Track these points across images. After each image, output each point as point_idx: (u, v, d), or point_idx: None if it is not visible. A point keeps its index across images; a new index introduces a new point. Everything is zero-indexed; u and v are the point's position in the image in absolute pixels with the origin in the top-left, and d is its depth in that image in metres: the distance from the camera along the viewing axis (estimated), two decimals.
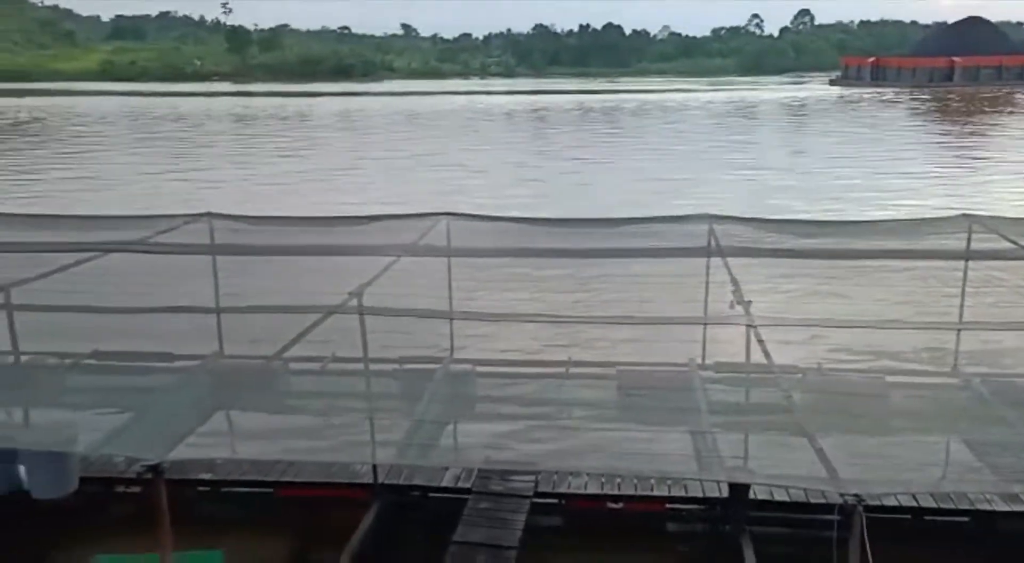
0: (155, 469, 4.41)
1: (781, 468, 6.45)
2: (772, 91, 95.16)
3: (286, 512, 7.41)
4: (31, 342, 8.73)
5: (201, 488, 7.33)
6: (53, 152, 42.75)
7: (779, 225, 10.21)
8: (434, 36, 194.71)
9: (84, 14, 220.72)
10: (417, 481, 7.39)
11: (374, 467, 7.41)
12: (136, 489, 7.50)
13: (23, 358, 8.76)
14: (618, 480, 7.32)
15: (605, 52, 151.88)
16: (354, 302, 7.33)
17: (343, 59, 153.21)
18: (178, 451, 4.86)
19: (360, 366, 9.08)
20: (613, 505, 7.14)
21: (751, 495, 7.17)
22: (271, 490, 7.49)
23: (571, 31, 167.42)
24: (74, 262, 8.54)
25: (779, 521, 7.29)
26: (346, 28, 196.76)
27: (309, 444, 7.88)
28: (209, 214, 10.34)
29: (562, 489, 7.22)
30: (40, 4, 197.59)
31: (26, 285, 8.02)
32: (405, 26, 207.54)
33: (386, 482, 7.36)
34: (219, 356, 10.10)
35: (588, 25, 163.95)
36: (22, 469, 7.03)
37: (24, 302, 8.21)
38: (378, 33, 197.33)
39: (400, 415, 8.24)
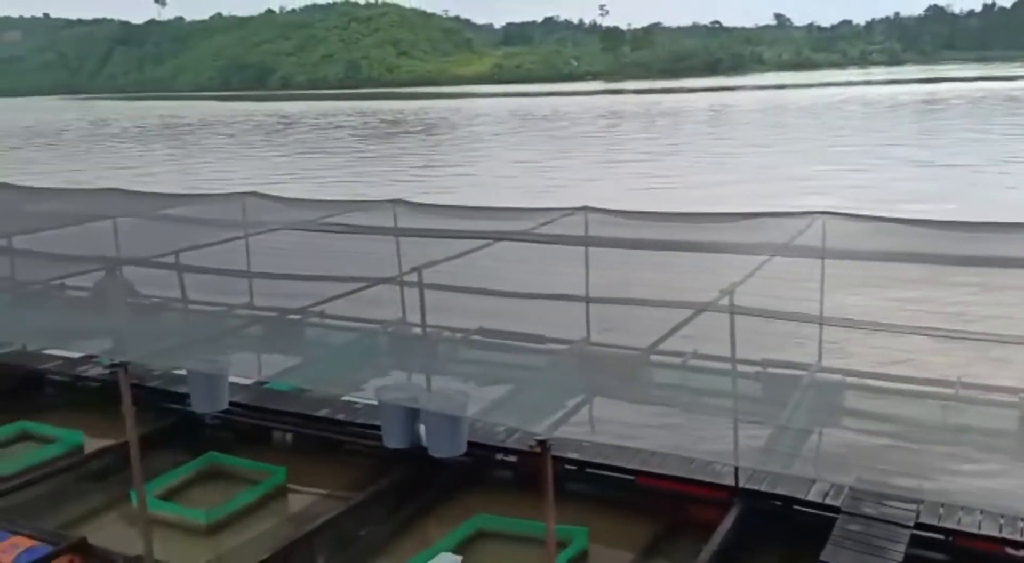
0: (543, 444, 4.76)
1: None
2: None
3: (646, 500, 7.58)
4: (433, 316, 9.93)
5: (568, 466, 7.77)
6: (454, 149, 48.26)
7: None
8: (809, 25, 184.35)
9: (480, 22, 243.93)
10: (780, 490, 7.09)
11: (736, 469, 7.27)
12: (512, 458, 8.18)
13: (428, 331, 9.98)
14: (1021, 523, 6.35)
15: (1014, 34, 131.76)
16: (725, 300, 7.22)
17: (712, 54, 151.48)
18: (560, 430, 5.19)
19: (722, 365, 8.97)
20: (1014, 552, 6.20)
21: None
22: (632, 477, 7.70)
23: (971, 11, 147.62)
24: (471, 248, 9.52)
25: None
26: (717, 22, 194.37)
27: (671, 437, 7.97)
28: (586, 208, 10.90)
29: (950, 524, 6.44)
30: (445, 15, 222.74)
31: (435, 267, 9.13)
32: (778, 16, 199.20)
33: (747, 487, 7.18)
34: (586, 343, 10.66)
35: (994, 3, 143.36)
36: (423, 428, 8.03)
37: (432, 281, 9.35)
38: (749, 25, 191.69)
39: (764, 419, 8.02)
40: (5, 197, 14.34)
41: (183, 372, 9.48)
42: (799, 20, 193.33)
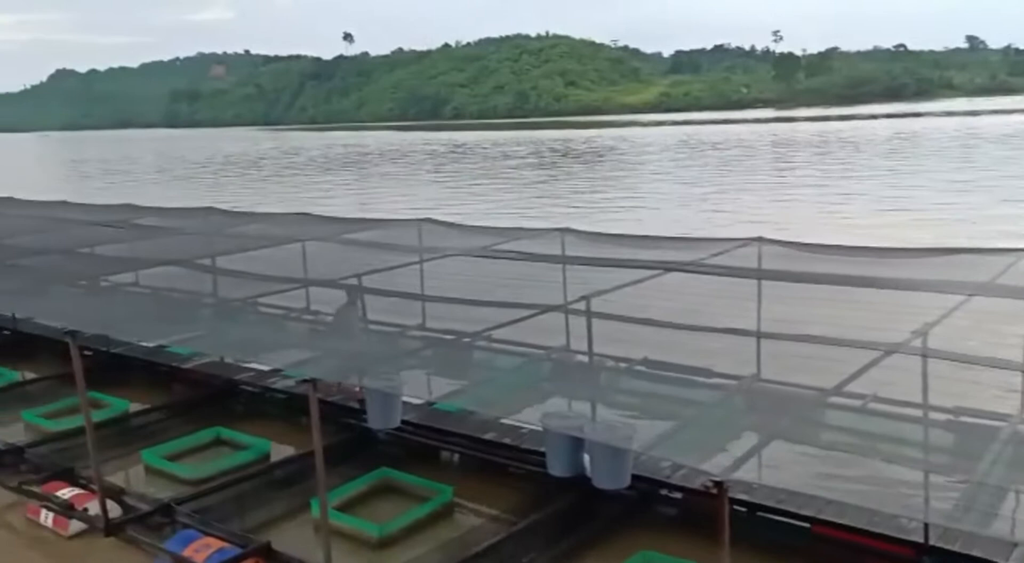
0: (720, 485, 4.63)
1: None
2: None
3: (822, 550, 7.16)
4: (597, 344, 9.93)
5: (738, 508, 7.48)
6: (621, 177, 48.26)
7: None
8: (1006, 47, 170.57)
9: (648, 51, 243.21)
10: (976, 552, 6.50)
11: (925, 525, 6.74)
12: (678, 495, 7.99)
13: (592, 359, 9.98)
14: None
15: None
16: (917, 342, 6.76)
17: (895, 78, 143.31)
18: (741, 472, 5.02)
19: (907, 410, 8.41)
20: None
21: None
22: (807, 524, 7.31)
23: None
24: (639, 278, 9.46)
25: None
26: (901, 45, 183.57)
27: (851, 485, 7.53)
28: (759, 239, 10.57)
29: None
30: (613, 46, 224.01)
31: (603, 295, 9.14)
32: (971, 38, 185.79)
33: (937, 545, 6.63)
34: (755, 379, 10.28)
35: None
36: (587, 457, 8.01)
37: (599, 310, 9.36)
38: (937, 48, 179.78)
39: (958, 473, 7.40)
40: (211, 220, 15.73)
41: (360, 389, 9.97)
42: (995, 42, 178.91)
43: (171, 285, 12.37)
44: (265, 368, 11.71)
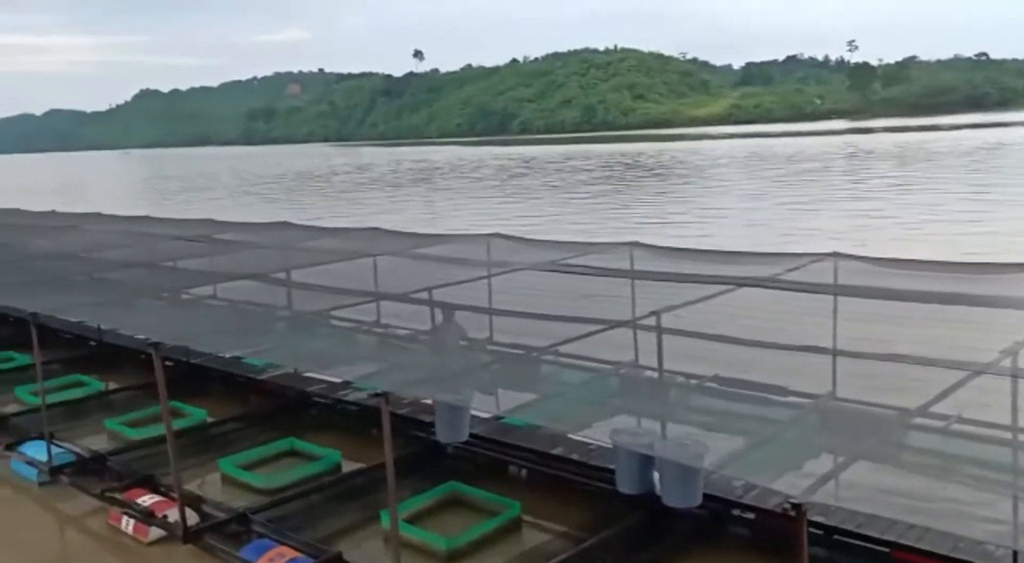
0: (798, 508, 4.51)
1: None
2: None
3: None
4: (666, 361, 9.80)
5: (813, 530, 7.26)
6: (690, 190, 47.75)
7: None
8: None
9: (718, 64, 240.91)
10: None
11: (1014, 554, 6.43)
12: (751, 515, 7.81)
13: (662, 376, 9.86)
14: None
15: None
16: (1006, 362, 6.48)
17: (976, 88, 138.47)
18: (817, 493, 4.88)
19: (995, 432, 8.05)
20: None
21: None
22: (886, 550, 7.06)
23: None
24: (710, 294, 9.31)
25: None
26: (983, 54, 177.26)
27: (934, 509, 7.23)
28: (835, 254, 10.30)
29: None
30: (683, 58, 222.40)
31: (673, 311, 9.03)
32: None
33: None
34: (831, 398, 9.99)
35: None
36: (657, 475, 7.89)
37: (669, 326, 9.24)
38: (1021, 57, 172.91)
39: None
40: (285, 234, 16.11)
41: (429, 402, 10.06)
42: None
43: (248, 298, 12.71)
44: (336, 380, 11.90)
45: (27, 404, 12.80)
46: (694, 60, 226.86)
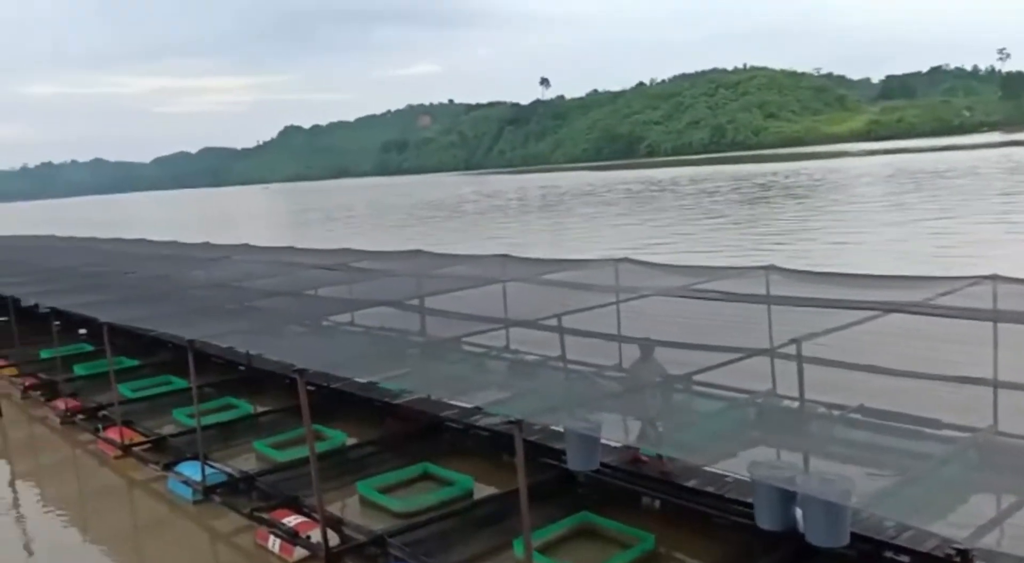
0: (964, 554, 4.18)
1: None
2: None
3: None
4: (809, 390, 9.37)
5: None
6: (829, 210, 45.79)
7: None
8: None
9: (855, 78, 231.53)
10: None
11: None
12: (905, 558, 7.28)
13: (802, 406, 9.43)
14: None
15: None
16: None
17: None
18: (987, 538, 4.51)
19: None
20: None
21: None
22: None
23: None
24: (856, 320, 8.84)
25: None
26: None
27: None
28: (994, 277, 9.59)
29: None
30: (816, 74, 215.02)
31: (814, 339, 8.63)
32: None
33: None
34: (993, 432, 9.26)
35: None
36: (799, 512, 7.51)
37: (810, 354, 8.84)
38: None
39: None
40: (418, 262, 16.57)
41: (559, 429, 10.01)
42: None
43: (383, 323, 13.14)
44: (468, 405, 12.06)
45: (183, 425, 13.67)
46: (828, 75, 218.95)
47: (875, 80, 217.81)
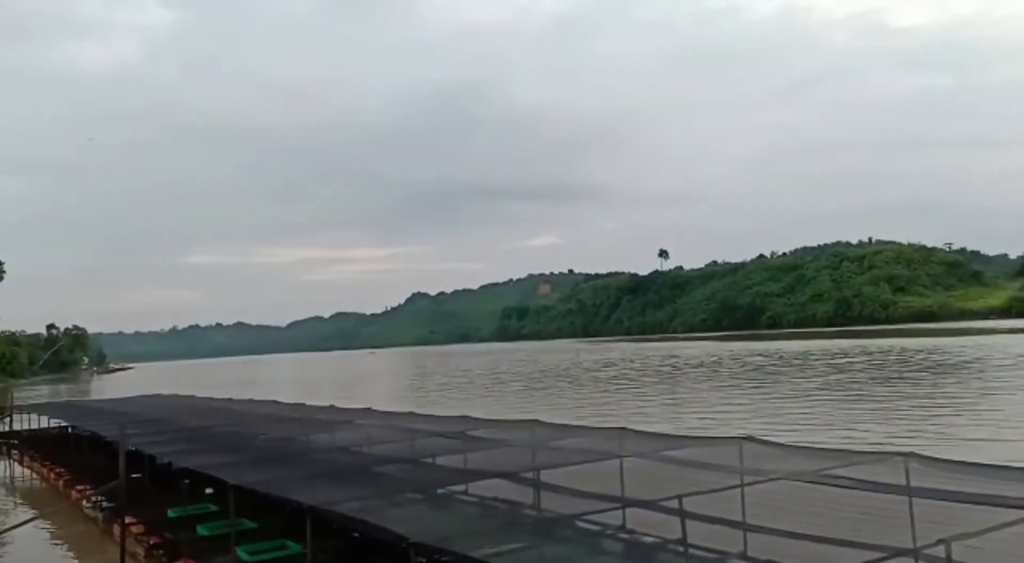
0: None
1: None
2: None
3: None
4: None
5: None
6: (977, 391, 42.76)
7: None
8: None
9: (991, 254, 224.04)
10: None
11: None
12: None
13: None
14: None
15: None
16: None
17: None
18: None
19: None
20: None
21: None
22: None
23: None
24: (1016, 519, 8.04)
25: None
26: None
27: None
28: None
29: None
30: (948, 249, 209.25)
31: (965, 540, 7.87)
32: None
33: None
34: None
35: None
36: None
37: (961, 559, 8.03)
38: None
39: None
40: (535, 433, 16.44)
41: None
42: None
43: (496, 494, 12.92)
44: None
45: None
46: (962, 250, 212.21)
47: (1012, 256, 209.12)
